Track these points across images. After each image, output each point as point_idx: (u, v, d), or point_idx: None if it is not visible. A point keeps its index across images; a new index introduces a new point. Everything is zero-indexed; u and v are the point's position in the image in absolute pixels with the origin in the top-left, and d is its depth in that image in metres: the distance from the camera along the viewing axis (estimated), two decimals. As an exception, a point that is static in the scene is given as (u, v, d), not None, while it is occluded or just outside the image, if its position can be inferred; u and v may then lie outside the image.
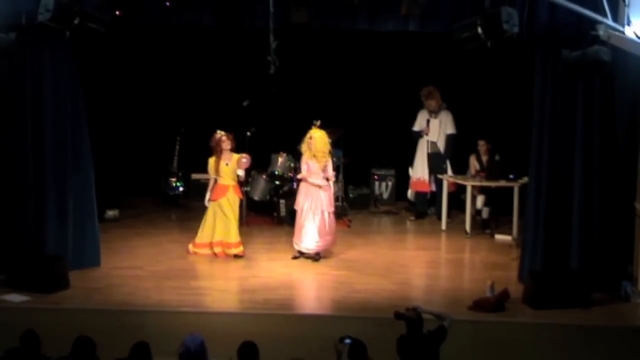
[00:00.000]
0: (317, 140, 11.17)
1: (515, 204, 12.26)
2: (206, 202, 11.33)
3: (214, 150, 11.23)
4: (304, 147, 11.40)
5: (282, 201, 13.11)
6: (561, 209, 9.93)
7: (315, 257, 11.19)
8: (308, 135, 11.28)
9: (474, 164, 12.87)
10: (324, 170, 11.21)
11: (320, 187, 11.15)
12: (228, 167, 11.15)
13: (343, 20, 10.37)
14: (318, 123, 11.33)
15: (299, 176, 11.54)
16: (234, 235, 11.21)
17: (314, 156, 11.19)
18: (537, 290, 9.57)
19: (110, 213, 12.94)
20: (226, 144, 11.16)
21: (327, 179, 11.26)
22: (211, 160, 11.26)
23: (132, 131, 14.21)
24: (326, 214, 11.15)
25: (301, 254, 11.25)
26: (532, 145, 10.09)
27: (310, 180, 11.15)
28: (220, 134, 11.22)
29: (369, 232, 12.75)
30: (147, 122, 14.38)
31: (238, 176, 11.29)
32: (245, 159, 11.18)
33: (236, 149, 11.35)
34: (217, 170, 11.18)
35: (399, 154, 13.99)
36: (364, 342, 6.58)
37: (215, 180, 11.25)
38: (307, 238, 11.15)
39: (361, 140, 13.51)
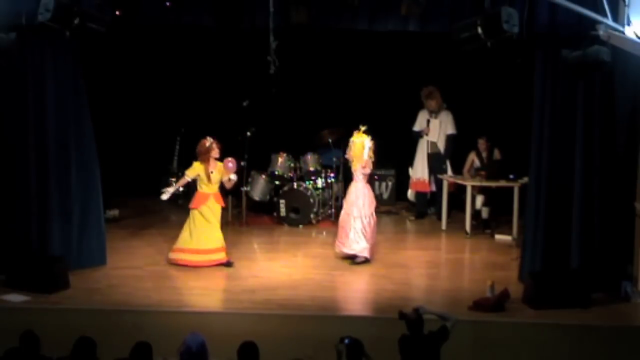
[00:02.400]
0: (356, 146, 11.15)
1: (515, 204, 12.26)
2: (165, 195, 10.91)
3: (201, 156, 10.81)
4: (348, 152, 11.38)
5: (282, 201, 13.11)
6: (561, 209, 9.93)
7: (356, 259, 11.07)
8: (351, 139, 11.27)
9: (472, 159, 12.87)
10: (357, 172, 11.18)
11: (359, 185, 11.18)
12: (213, 175, 10.86)
13: (343, 20, 10.37)
14: (363, 128, 11.29)
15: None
16: (217, 242, 10.92)
17: (352, 160, 11.21)
18: (537, 290, 9.57)
19: (110, 213, 12.93)
20: (215, 152, 10.83)
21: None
22: (199, 165, 10.83)
23: (132, 131, 14.22)
24: (364, 220, 11.06)
25: (349, 257, 11.15)
26: (532, 145, 10.09)
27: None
28: (210, 141, 10.81)
29: (369, 232, 12.75)
30: (147, 122, 14.39)
31: (229, 180, 10.91)
32: (231, 162, 10.82)
33: (220, 157, 10.98)
34: (207, 178, 10.81)
35: (399, 154, 13.99)
36: (362, 341, 6.59)
37: (193, 182, 11.02)
38: (345, 241, 11.10)
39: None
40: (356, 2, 9.85)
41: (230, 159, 10.89)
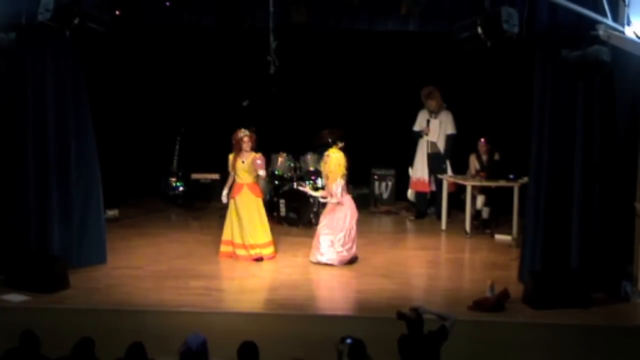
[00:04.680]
0: (332, 160, 11.15)
1: (515, 204, 12.25)
2: (223, 198, 11.31)
3: (233, 146, 11.19)
4: (322, 164, 11.41)
5: (282, 201, 13.11)
6: (561, 209, 9.93)
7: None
8: (326, 154, 11.29)
9: (474, 163, 12.88)
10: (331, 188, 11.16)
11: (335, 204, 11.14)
12: (243, 164, 11.11)
13: (343, 20, 10.37)
14: (341, 145, 11.32)
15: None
16: (251, 237, 11.10)
17: (326, 176, 11.24)
18: (537, 290, 9.57)
19: (110, 213, 12.94)
20: (247, 145, 11.12)
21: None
22: (230, 157, 11.22)
23: (132, 131, 14.22)
24: (335, 233, 11.04)
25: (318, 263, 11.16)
26: (532, 145, 10.09)
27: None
28: (243, 133, 11.14)
29: (369, 232, 12.72)
30: (147, 122, 14.39)
31: (258, 176, 11.29)
32: (259, 159, 11.11)
33: (257, 149, 11.27)
34: (234, 167, 11.15)
35: (399, 154, 13.99)
36: (364, 341, 6.59)
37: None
38: (318, 252, 11.10)
39: (361, 140, 13.51)
40: (356, 2, 9.85)
41: (259, 156, 11.16)
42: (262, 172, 11.28)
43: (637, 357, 8.62)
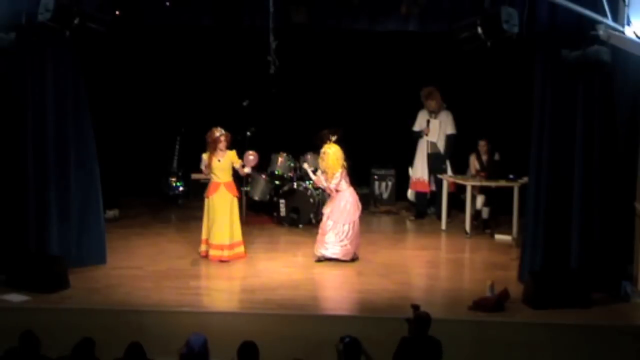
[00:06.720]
0: (330, 156, 11.13)
1: (515, 204, 12.26)
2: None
3: (209, 145, 11.09)
4: (319, 161, 11.40)
5: (282, 201, 13.11)
6: (561, 209, 9.93)
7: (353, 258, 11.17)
8: (322, 150, 11.25)
9: (474, 163, 12.88)
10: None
11: (334, 194, 11.18)
12: (220, 163, 11.04)
13: (343, 20, 10.39)
14: (334, 138, 11.30)
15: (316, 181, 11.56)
16: (224, 237, 11.04)
17: (324, 172, 11.23)
18: (537, 290, 9.57)
19: (110, 213, 12.94)
20: (222, 144, 11.05)
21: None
22: (204, 156, 11.12)
23: (132, 131, 14.22)
24: (339, 225, 11.08)
25: (324, 259, 11.18)
26: (532, 145, 10.09)
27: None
28: (219, 132, 11.04)
29: (369, 232, 12.70)
30: (147, 122, 14.39)
31: (242, 168, 11.14)
32: (252, 156, 11.04)
33: (230, 147, 11.21)
34: (209, 167, 11.07)
35: (399, 154, 13.99)
36: (362, 341, 6.59)
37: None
38: (323, 246, 11.13)
39: (361, 140, 13.51)
40: (356, 2, 9.86)
41: (251, 152, 11.11)
42: (247, 169, 11.21)
43: (637, 357, 8.63)
